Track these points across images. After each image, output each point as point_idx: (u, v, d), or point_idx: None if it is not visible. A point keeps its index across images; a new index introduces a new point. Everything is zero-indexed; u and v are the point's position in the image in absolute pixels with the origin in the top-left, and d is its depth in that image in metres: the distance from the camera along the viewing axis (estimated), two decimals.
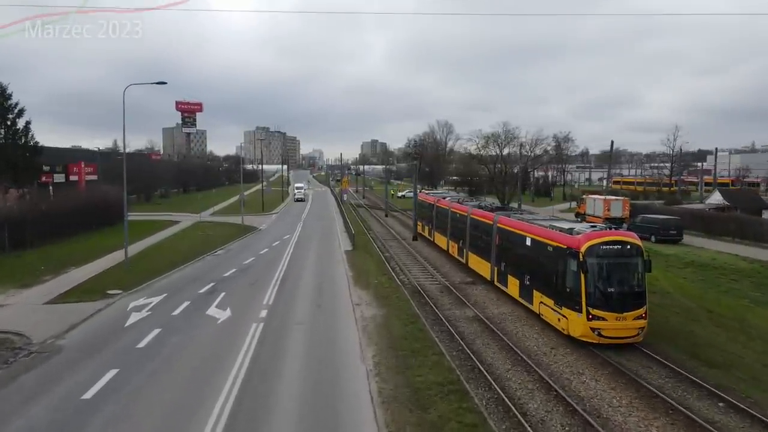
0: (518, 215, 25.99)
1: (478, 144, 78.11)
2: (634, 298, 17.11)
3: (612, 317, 16.69)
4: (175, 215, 62.46)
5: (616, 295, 17.13)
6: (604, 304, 16.83)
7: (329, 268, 31.74)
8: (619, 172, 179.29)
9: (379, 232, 49.96)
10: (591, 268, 16.91)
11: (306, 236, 46.53)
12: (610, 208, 47.58)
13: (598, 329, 16.74)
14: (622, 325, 16.76)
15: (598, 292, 17.03)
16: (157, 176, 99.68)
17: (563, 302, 18.00)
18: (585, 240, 17.29)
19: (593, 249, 17.01)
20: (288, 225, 54.98)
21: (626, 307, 16.85)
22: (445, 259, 35.08)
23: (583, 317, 16.86)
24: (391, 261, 34.25)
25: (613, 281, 17.33)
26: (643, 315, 17.05)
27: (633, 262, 17.44)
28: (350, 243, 40.24)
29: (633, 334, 16.97)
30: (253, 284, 27.01)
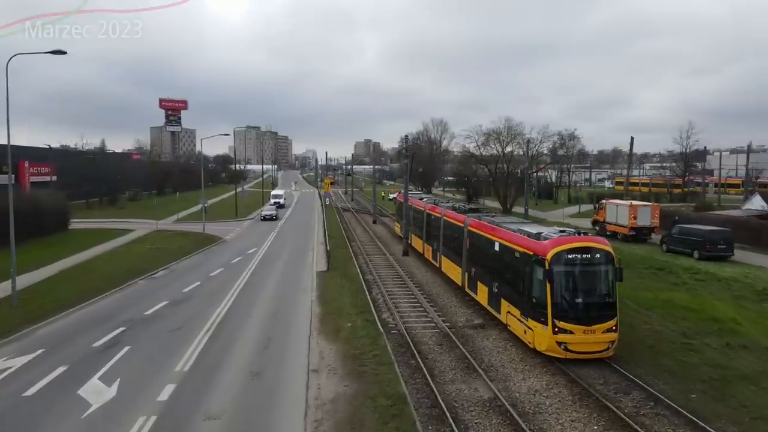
0: (489, 218, 23.89)
1: (477, 141, 70.49)
2: (603, 310, 15.86)
3: (579, 330, 15.39)
4: (133, 222, 54.80)
5: (584, 306, 15.83)
6: (570, 316, 15.51)
7: (291, 301, 24.16)
8: (620, 172, 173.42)
9: (363, 243, 42.39)
10: (557, 276, 15.59)
11: (275, 250, 38.90)
12: (638, 215, 40.20)
13: (564, 343, 15.39)
14: (590, 339, 15.45)
15: (564, 303, 15.73)
16: (128, 177, 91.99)
17: (529, 313, 16.52)
18: (551, 246, 15.87)
19: (560, 256, 15.62)
20: (259, 235, 47.30)
21: (595, 319, 15.60)
22: (442, 285, 27.55)
23: (549, 330, 15.47)
24: (374, 288, 26.69)
25: (581, 291, 15.98)
26: (614, 328, 15.74)
27: (603, 270, 16.10)
28: (326, 261, 32.62)
29: (602, 348, 15.63)
30: (177, 330, 19.43)
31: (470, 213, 26.53)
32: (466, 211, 27.68)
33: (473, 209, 29.08)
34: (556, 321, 15.38)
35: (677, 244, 35.19)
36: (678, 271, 29.63)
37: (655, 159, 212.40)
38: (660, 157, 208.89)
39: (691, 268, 30.35)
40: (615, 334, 15.71)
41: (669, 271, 29.70)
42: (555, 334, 15.39)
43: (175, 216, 59.25)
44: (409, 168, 38.05)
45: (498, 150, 68.87)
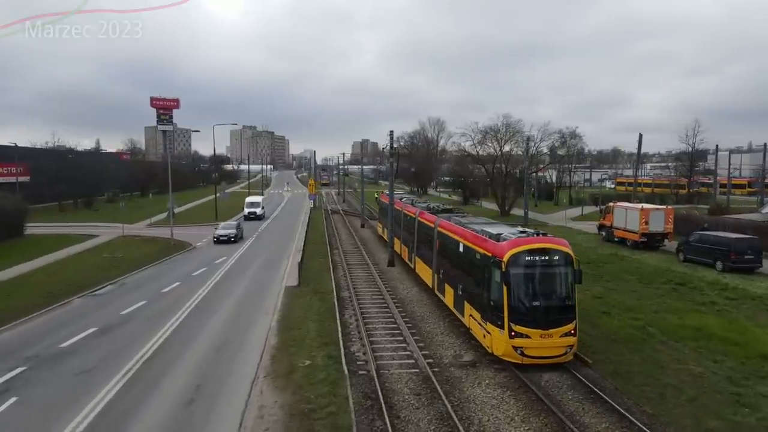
0: (458, 218, 23.05)
1: (473, 139, 66.40)
2: (561, 313, 15.28)
3: (536, 334, 14.87)
4: (102, 226, 50.72)
5: (542, 309, 15.18)
6: (527, 320, 14.95)
7: (245, 328, 20.11)
8: (621, 172, 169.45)
9: (346, 251, 38.35)
10: (514, 278, 15.01)
11: (247, 260, 34.85)
12: (649, 220, 36.20)
13: (520, 348, 14.87)
14: (547, 343, 14.92)
15: (521, 306, 15.12)
16: (111, 178, 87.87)
17: (488, 316, 16.01)
18: (508, 247, 15.33)
19: (517, 258, 15.08)
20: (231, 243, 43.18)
21: (552, 323, 15.03)
22: (428, 303, 23.55)
23: (505, 334, 14.93)
24: (348, 308, 22.68)
25: (538, 294, 15.37)
26: (572, 332, 15.21)
27: (562, 272, 15.47)
28: (297, 274, 28.59)
29: (560, 353, 15.12)
30: (88, 372, 15.40)
31: (442, 213, 25.61)
32: (439, 211, 26.82)
33: (447, 209, 27.87)
34: (512, 325, 14.83)
35: (696, 253, 31.24)
36: (702, 286, 25.65)
37: (655, 159, 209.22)
38: (660, 157, 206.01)
39: (717, 282, 26.39)
40: (574, 338, 15.21)
41: (692, 286, 25.72)
42: (511, 338, 14.84)
43: (149, 219, 55.03)
44: (394, 168, 33.95)
45: (495, 149, 64.75)
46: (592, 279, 27.49)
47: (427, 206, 29.67)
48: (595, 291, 24.77)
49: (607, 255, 34.68)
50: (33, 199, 65.20)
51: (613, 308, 21.77)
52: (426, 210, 27.87)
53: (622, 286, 26.03)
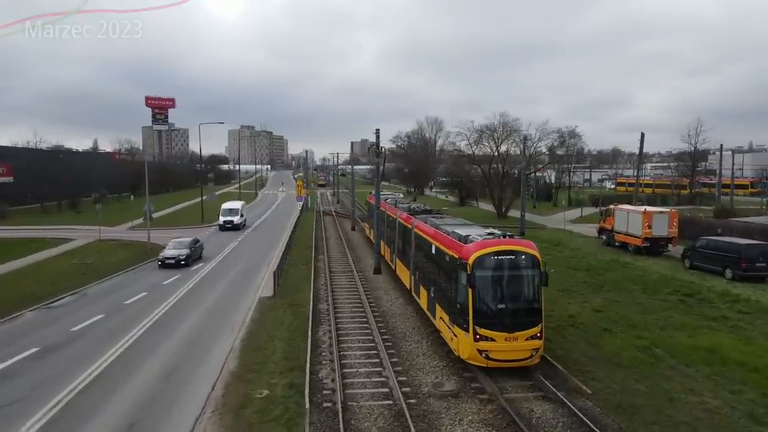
0: (434, 219, 22.58)
1: (469, 139, 64.26)
2: (527, 316, 14.95)
3: (501, 337, 14.54)
4: (80, 229, 48.69)
5: (507, 312, 14.86)
6: (492, 323, 14.64)
7: (205, 348, 18.05)
8: (621, 172, 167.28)
9: (332, 256, 36.27)
10: (479, 281, 14.73)
11: (225, 266, 32.79)
12: (653, 224, 34.10)
13: (485, 351, 14.52)
14: (512, 347, 14.59)
15: (486, 309, 14.84)
16: (99, 178, 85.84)
17: (455, 319, 15.65)
18: (474, 249, 15.06)
19: (482, 260, 14.81)
20: (216, 245, 41.09)
21: (518, 326, 14.68)
22: (412, 317, 21.48)
23: (470, 337, 14.60)
24: (323, 324, 20.59)
25: (503, 297, 15.01)
26: (538, 334, 14.86)
27: (528, 274, 15.14)
28: (276, 283, 26.48)
29: (525, 356, 14.78)
30: (6, 407, 13.31)
31: (420, 214, 25.16)
32: (418, 212, 26.40)
33: (426, 210, 27.48)
34: (477, 328, 14.63)
35: (704, 260, 29.18)
36: (712, 297, 23.56)
37: (656, 159, 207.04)
38: (660, 157, 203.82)
39: (727, 293, 24.31)
40: (539, 342, 14.97)
41: (700, 297, 23.62)
42: (476, 341, 14.60)
43: (131, 222, 52.94)
44: (380, 169, 31.93)
45: (492, 148, 62.61)
46: (592, 289, 25.47)
47: (407, 207, 28.88)
48: (595, 303, 22.70)
49: (608, 261, 32.61)
50: (15, 200, 63.35)
51: (616, 324, 19.69)
52: (406, 211, 27.10)
53: (624, 297, 23.96)
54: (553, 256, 34.68)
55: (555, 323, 19.85)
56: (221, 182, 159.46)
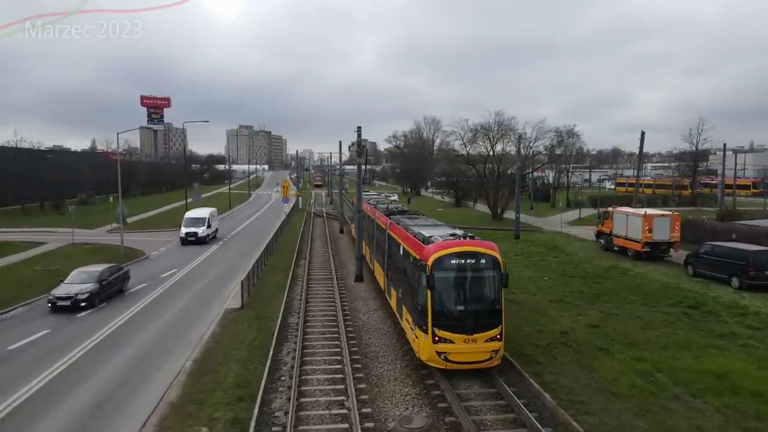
0: (406, 220, 22.25)
1: (463, 138, 62.25)
2: (486, 318, 14.78)
3: (460, 339, 14.38)
4: (57, 232, 46.64)
5: (465, 314, 14.76)
6: (451, 325, 14.49)
7: (153, 368, 16.16)
8: (621, 172, 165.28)
9: (314, 262, 34.30)
10: (438, 282, 14.60)
11: (197, 274, 30.93)
12: (653, 227, 32.11)
13: (444, 353, 14.33)
14: (471, 348, 14.41)
15: (445, 311, 14.70)
16: (87, 178, 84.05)
17: (416, 320, 15.44)
18: (433, 251, 14.93)
19: (441, 261, 14.66)
20: (194, 250, 39.16)
21: (477, 327, 14.52)
22: (389, 333, 19.52)
23: (429, 339, 14.43)
24: (290, 340, 18.60)
25: (461, 298, 14.94)
26: (498, 336, 14.68)
27: (487, 276, 15.00)
28: (245, 294, 24.48)
29: (485, 358, 14.52)
30: None
31: (395, 215, 24.70)
32: (393, 212, 26.06)
33: (402, 211, 27.29)
34: (435, 330, 14.48)
35: (708, 267, 27.21)
36: (718, 310, 21.57)
37: (656, 159, 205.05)
38: (660, 157, 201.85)
39: (735, 304, 22.33)
40: (499, 343, 14.79)
41: (706, 309, 21.63)
42: (435, 343, 14.45)
43: (110, 225, 50.93)
44: (361, 168, 29.94)
45: (487, 148, 60.61)
46: (587, 300, 23.48)
47: (385, 208, 28.31)
48: (590, 317, 20.71)
49: (606, 268, 30.64)
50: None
51: (613, 342, 17.71)
52: (384, 212, 26.42)
53: (623, 309, 21.97)
54: (548, 262, 32.72)
55: (546, 341, 17.90)
56: (216, 182, 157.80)
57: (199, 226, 42.26)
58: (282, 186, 60.14)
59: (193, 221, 42.97)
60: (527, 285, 26.39)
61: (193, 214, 44.30)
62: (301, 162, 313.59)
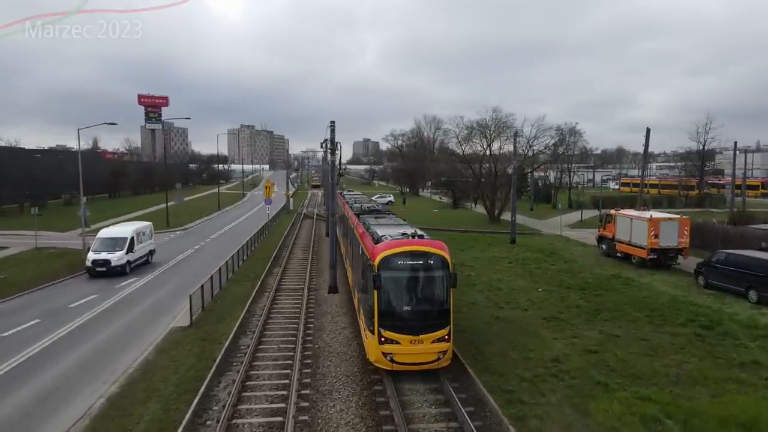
0: (371, 219, 21.21)
1: (458, 136, 59.33)
2: (433, 318, 14.55)
3: (406, 340, 14.17)
4: (27, 234, 43.95)
5: (411, 314, 14.56)
6: (396, 325, 14.28)
7: (53, 409, 13.38)
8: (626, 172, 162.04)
9: (290, 269, 31.55)
10: (384, 282, 14.39)
11: (158, 282, 28.24)
12: (660, 232, 29.22)
13: (390, 354, 14.15)
14: (417, 350, 14.22)
15: (391, 311, 14.46)
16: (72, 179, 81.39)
17: (366, 322, 15.29)
18: (380, 250, 14.71)
19: (387, 261, 14.45)
20: (166, 255, 36.48)
21: (423, 328, 14.30)
22: (351, 359, 16.75)
23: (376, 340, 14.26)
24: (230, 372, 15.80)
25: (407, 298, 14.71)
26: (446, 337, 14.47)
27: (435, 276, 14.72)
28: (197, 309, 21.73)
29: (432, 359, 14.33)
30: None
31: (365, 214, 23.81)
32: (363, 212, 25.17)
33: (372, 210, 26.30)
34: (381, 330, 14.17)
35: (722, 278, 24.32)
36: (736, 331, 18.68)
37: (661, 158, 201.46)
38: (666, 157, 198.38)
39: (754, 323, 19.45)
40: (447, 344, 14.45)
41: (722, 331, 18.73)
42: (381, 344, 14.16)
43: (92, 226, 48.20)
44: (335, 167, 27.10)
45: (483, 146, 57.67)
46: (586, 316, 20.62)
47: (359, 207, 27.36)
48: (588, 339, 17.86)
49: (608, 277, 27.78)
50: None
51: (613, 374, 14.88)
52: (355, 212, 25.28)
53: (626, 328, 19.11)
54: (543, 270, 29.85)
55: (534, 371, 15.09)
56: (213, 182, 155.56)
57: (114, 250, 29.88)
58: (264, 186, 56.93)
59: (106, 243, 30.37)
60: (518, 298, 23.55)
61: (109, 234, 31.41)
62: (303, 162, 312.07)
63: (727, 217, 45.15)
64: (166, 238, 45.19)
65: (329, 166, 28.26)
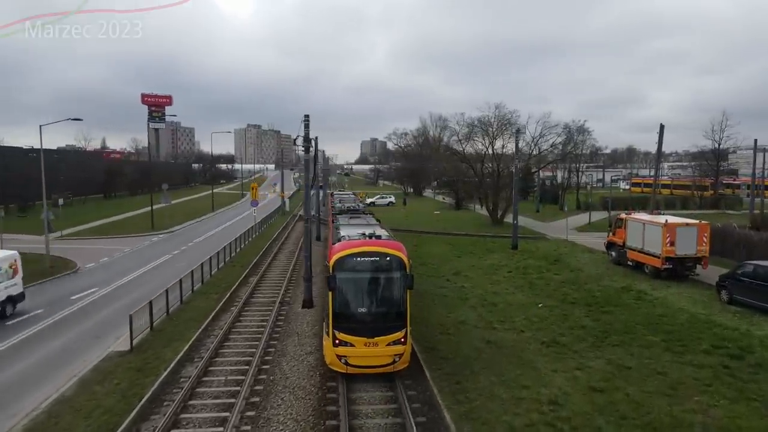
0: (345, 219, 21.36)
1: (458, 134, 56.35)
2: (389, 321, 14.29)
3: (360, 342, 13.93)
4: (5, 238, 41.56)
5: (366, 316, 14.30)
6: (351, 327, 14.04)
7: None
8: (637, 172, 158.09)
9: (268, 277, 28.87)
10: (339, 283, 14.27)
11: (125, 290, 25.71)
12: (676, 239, 26.19)
13: (344, 357, 13.94)
14: (372, 352, 13.94)
15: (345, 313, 14.27)
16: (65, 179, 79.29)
17: (325, 324, 15.41)
18: (336, 251, 14.61)
19: (342, 262, 14.32)
20: (141, 261, 33.93)
21: (378, 331, 14.02)
22: (314, 396, 13.97)
23: (330, 342, 14.10)
24: (154, 417, 13.05)
25: (362, 300, 14.47)
26: (402, 340, 14.12)
27: (390, 277, 14.46)
28: (146, 328, 19.04)
29: (387, 362, 14.02)
30: None
31: (343, 214, 23.92)
32: (343, 211, 25.17)
33: (351, 209, 26.19)
34: (336, 332, 13.96)
35: (748, 293, 21.29)
36: None
37: (672, 158, 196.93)
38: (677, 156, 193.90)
39: None
40: (402, 347, 14.06)
41: (754, 362, 15.75)
42: (335, 346, 13.95)
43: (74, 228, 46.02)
44: (311, 166, 24.32)
45: (485, 145, 54.63)
46: (592, 341, 17.73)
47: (340, 207, 27.56)
48: (594, 372, 14.94)
49: (617, 290, 24.81)
50: None
51: (624, 423, 11.99)
52: (334, 212, 25.10)
53: (639, 357, 16.18)
54: (546, 281, 26.94)
55: (525, 417, 12.27)
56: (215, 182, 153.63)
57: None
58: (251, 187, 54.22)
59: None
60: (515, 316, 20.66)
61: None
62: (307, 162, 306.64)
63: (747, 220, 41.87)
64: (147, 242, 42.70)
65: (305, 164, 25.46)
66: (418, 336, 17.98)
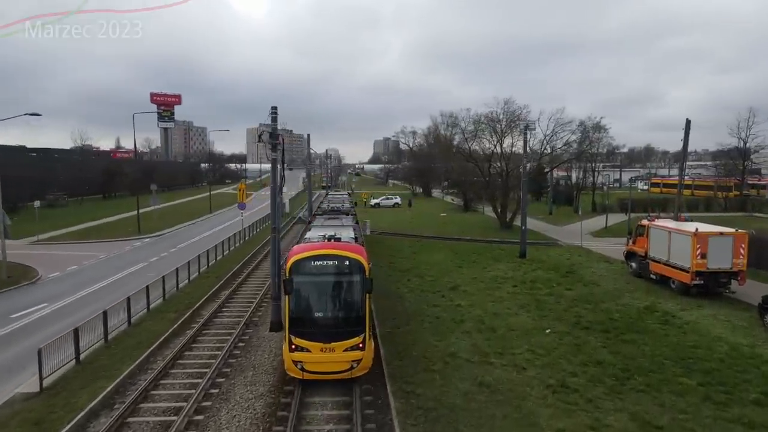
0: (321, 220, 21.43)
1: (464, 131, 52.72)
2: (346, 325, 13.87)
3: (316, 348, 13.54)
4: None
5: (322, 320, 13.97)
6: (307, 332, 13.68)
7: None
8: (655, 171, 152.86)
9: (241, 291, 25.72)
10: (295, 287, 13.91)
11: (75, 308, 22.77)
12: (708, 251, 22.53)
13: (300, 362, 13.56)
14: (329, 358, 13.53)
15: (301, 317, 13.94)
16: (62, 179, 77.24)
17: (284, 330, 14.41)
18: (293, 254, 14.34)
19: (299, 265, 13.97)
20: (103, 273, 31.00)
21: (335, 335, 13.63)
22: None
23: (287, 347, 13.79)
24: None
25: (318, 304, 14.17)
26: (360, 345, 13.62)
27: (348, 281, 14.13)
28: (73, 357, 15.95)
29: (344, 368, 13.58)
30: None
31: (323, 215, 23.68)
32: (326, 212, 24.97)
33: (332, 210, 25.98)
34: (292, 337, 13.65)
35: None
36: None
37: (692, 157, 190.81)
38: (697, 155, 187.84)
39: None
40: (360, 353, 13.58)
41: None
42: (292, 351, 13.62)
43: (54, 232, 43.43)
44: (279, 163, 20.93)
45: (492, 143, 50.90)
46: (610, 382, 14.30)
47: (325, 207, 27.38)
48: None
49: (639, 311, 21.23)
50: None
51: None
52: (316, 213, 25.03)
53: (670, 410, 12.68)
54: (556, 297, 23.45)
55: None
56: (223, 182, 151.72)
57: None
58: (238, 188, 51.07)
59: None
60: (516, 346, 17.24)
61: None
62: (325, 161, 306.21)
63: None
64: (127, 248, 39.84)
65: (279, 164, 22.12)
66: (396, 374, 14.71)
